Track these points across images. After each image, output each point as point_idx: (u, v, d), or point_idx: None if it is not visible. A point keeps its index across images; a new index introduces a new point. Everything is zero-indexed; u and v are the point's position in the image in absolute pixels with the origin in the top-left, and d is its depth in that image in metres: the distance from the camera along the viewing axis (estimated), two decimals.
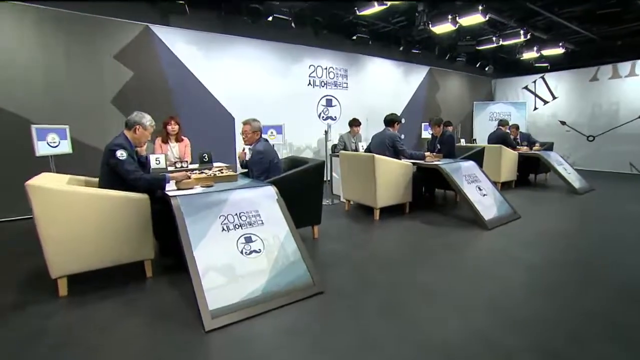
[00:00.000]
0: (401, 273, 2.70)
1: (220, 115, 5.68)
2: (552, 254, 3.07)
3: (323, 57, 6.69)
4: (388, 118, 4.48)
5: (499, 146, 5.82)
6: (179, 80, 5.26)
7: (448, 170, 4.00)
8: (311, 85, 6.60)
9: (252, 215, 2.56)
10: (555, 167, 5.79)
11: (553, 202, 5.16)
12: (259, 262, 2.36)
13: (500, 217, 3.92)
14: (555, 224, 4.04)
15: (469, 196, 3.87)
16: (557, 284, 2.50)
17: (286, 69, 6.29)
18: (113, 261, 2.48)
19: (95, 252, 2.41)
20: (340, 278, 2.65)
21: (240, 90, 5.83)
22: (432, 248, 3.23)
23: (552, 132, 9.18)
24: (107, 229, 2.42)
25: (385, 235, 3.67)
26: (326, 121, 6.87)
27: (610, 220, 4.12)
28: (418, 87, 8.43)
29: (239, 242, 2.38)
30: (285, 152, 6.44)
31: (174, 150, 4.40)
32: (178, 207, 2.35)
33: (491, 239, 3.47)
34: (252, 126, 3.29)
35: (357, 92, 7.22)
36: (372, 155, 3.90)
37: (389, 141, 4.31)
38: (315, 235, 3.53)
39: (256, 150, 3.23)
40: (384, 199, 4.05)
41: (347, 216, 4.37)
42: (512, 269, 2.75)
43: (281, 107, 6.24)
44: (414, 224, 3.96)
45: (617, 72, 8.37)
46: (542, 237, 3.52)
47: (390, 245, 3.35)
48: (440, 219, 4.15)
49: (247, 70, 5.88)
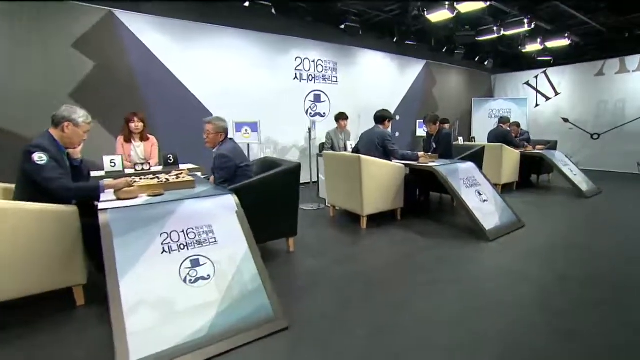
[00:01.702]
0: (388, 298, 2.25)
1: (197, 111, 5.19)
2: (566, 271, 2.61)
3: (311, 49, 6.20)
4: (378, 114, 4.02)
5: (500, 145, 5.36)
6: (149, 73, 4.77)
7: (444, 173, 3.54)
8: (298, 79, 6.11)
9: (203, 231, 2.10)
10: (560, 168, 5.34)
11: (559, 207, 4.71)
12: (207, 292, 1.90)
13: (502, 226, 3.47)
14: (564, 233, 3.60)
15: (468, 203, 3.41)
16: (577, 310, 2.05)
17: (270, 62, 5.80)
18: (30, 290, 2.01)
19: (7, 280, 1.94)
20: (313, 306, 2.19)
21: (219, 85, 5.35)
22: (425, 264, 2.77)
23: (554, 130, 8.73)
24: (21, 251, 1.95)
25: (372, 247, 3.22)
26: (314, 118, 6.38)
27: (624, 229, 3.68)
28: (414, 81, 7.95)
29: (182, 267, 1.92)
30: (269, 152, 5.98)
31: (138, 151, 3.93)
32: (106, 224, 1.89)
33: (493, 253, 3.02)
34: (215, 126, 2.83)
35: (348, 87, 6.74)
36: (357, 156, 3.44)
37: (378, 140, 3.84)
38: (290, 248, 3.07)
39: (219, 153, 2.77)
40: (372, 206, 3.59)
41: (331, 224, 3.92)
42: (519, 292, 2.30)
43: (265, 103, 5.76)
44: (406, 233, 3.50)
45: (624, 67, 7.92)
46: (551, 250, 3.07)
47: (377, 261, 2.89)
48: (436, 228, 3.69)
49: (227, 62, 5.40)
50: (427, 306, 2.15)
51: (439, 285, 2.41)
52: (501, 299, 2.23)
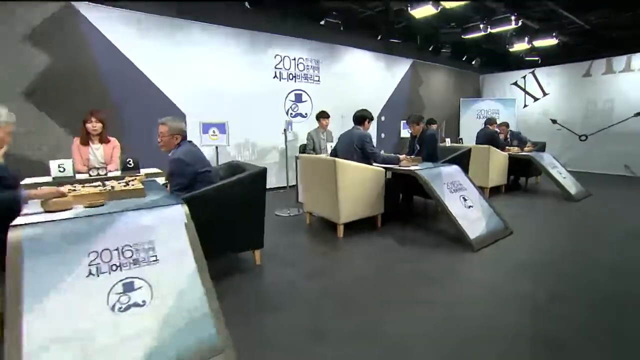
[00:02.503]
0: (356, 325, 1.98)
1: (169, 111, 4.86)
2: (558, 288, 2.38)
3: (291, 47, 5.93)
4: (357, 114, 3.77)
5: (487, 147, 5.17)
6: (115, 71, 4.44)
7: (426, 177, 3.31)
8: (277, 78, 5.84)
9: (142, 249, 1.81)
10: (549, 170, 5.17)
11: (548, 211, 4.52)
12: (140, 320, 1.61)
13: (489, 234, 3.25)
14: (554, 241, 3.39)
15: (452, 209, 3.18)
16: (573, 341, 1.81)
17: (248, 60, 5.51)
18: None
19: None
20: (270, 333, 1.92)
21: (193, 84, 5.04)
22: (404, 279, 2.52)
23: (542, 131, 8.61)
24: None
25: (349, 259, 2.96)
26: (295, 118, 6.12)
27: (616, 235, 3.49)
28: (400, 81, 7.74)
29: (112, 293, 1.63)
30: (247, 154, 5.69)
31: (97, 154, 3.60)
32: (17, 243, 1.58)
33: (478, 265, 2.78)
34: (170, 127, 2.54)
35: (331, 87, 6.48)
36: (332, 160, 3.18)
37: (357, 142, 3.59)
38: (257, 261, 2.79)
39: (174, 158, 2.48)
40: (349, 213, 3.34)
41: (306, 232, 3.65)
42: (506, 316, 2.06)
43: (242, 103, 5.47)
44: (386, 242, 3.25)
45: (611, 68, 7.84)
46: (541, 261, 2.85)
47: (353, 275, 2.63)
48: (418, 236, 3.45)
49: (202, 60, 5.09)
50: (400, 333, 1.89)
51: (415, 308, 2.15)
52: (485, 324, 1.98)
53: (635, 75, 7.48)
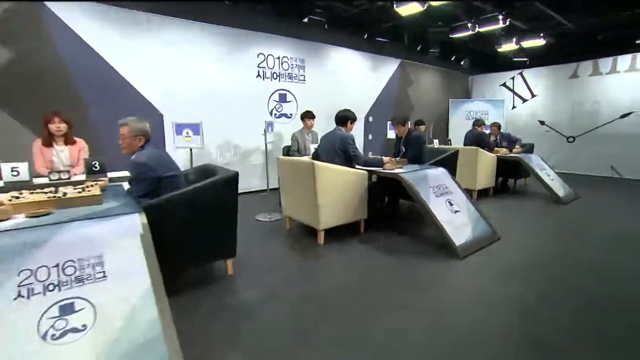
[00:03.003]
0: (344, 326, 1.81)
1: (146, 112, 4.64)
2: (546, 292, 2.25)
3: (275, 45, 5.74)
4: (340, 115, 3.60)
5: (475, 148, 5.05)
6: (84, 69, 4.19)
7: (411, 180, 3.15)
8: (260, 77, 5.64)
9: (88, 264, 1.61)
10: (537, 172, 5.08)
11: (537, 215, 4.42)
12: (79, 349, 1.41)
13: (475, 240, 3.11)
14: (543, 246, 3.26)
15: (437, 215, 3.03)
16: (560, 337, 1.67)
17: (230, 58, 5.31)
18: None
19: None
20: (232, 358, 1.73)
21: (171, 82, 4.82)
22: (388, 285, 2.36)
23: (530, 133, 8.58)
24: None
25: (326, 268, 2.78)
26: (280, 119, 5.93)
27: (603, 239, 3.39)
28: (388, 81, 7.61)
29: (45, 318, 1.42)
30: (230, 156, 5.48)
31: (62, 156, 3.37)
32: None
33: (463, 273, 2.63)
34: (132, 128, 2.34)
35: (317, 87, 6.31)
36: (311, 163, 3.00)
37: (339, 144, 3.42)
38: (229, 271, 2.60)
39: (135, 162, 2.28)
40: (329, 219, 3.16)
41: (286, 238, 3.46)
42: (494, 317, 1.91)
43: (224, 103, 5.27)
44: (368, 250, 3.09)
45: (597, 69, 7.84)
46: (529, 269, 2.71)
47: (331, 285, 2.45)
48: (402, 242, 3.30)
49: (181, 58, 4.87)
50: (387, 338, 1.72)
51: (401, 314, 1.99)
52: (474, 328, 1.83)
53: (620, 76, 7.49)
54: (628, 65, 7.37)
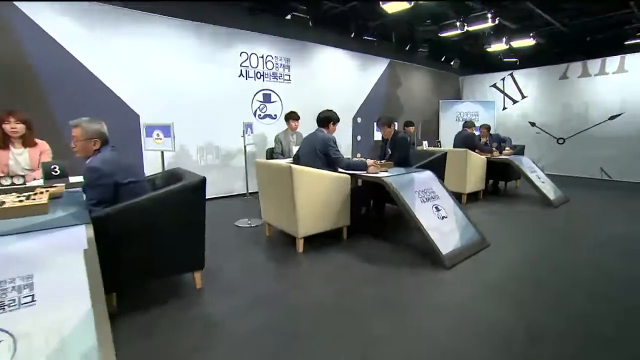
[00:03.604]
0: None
1: (120, 113, 4.41)
2: (539, 313, 2.08)
3: (259, 43, 5.54)
4: (321, 116, 3.41)
5: (464, 150, 4.90)
6: (52, 67, 3.93)
7: (395, 185, 2.97)
8: (243, 76, 5.43)
9: (11, 288, 1.39)
10: (528, 175, 4.96)
11: (527, 218, 4.28)
12: None
13: (463, 248, 2.94)
14: (534, 254, 3.10)
15: (423, 221, 2.85)
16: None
17: (211, 56, 5.09)
18: None
19: None
20: None
21: (148, 82, 4.58)
22: (362, 311, 2.13)
23: (521, 134, 8.51)
24: None
25: (305, 280, 2.59)
26: (264, 119, 5.73)
27: (597, 246, 3.25)
28: (377, 82, 7.45)
29: None
30: (211, 158, 5.26)
31: (20, 159, 3.11)
32: None
33: (450, 287, 2.46)
34: (85, 130, 2.12)
35: (303, 87, 6.12)
36: (288, 166, 2.80)
37: (320, 146, 3.23)
38: (197, 285, 2.39)
39: (88, 166, 2.05)
40: (308, 226, 2.97)
41: (264, 246, 3.26)
42: (480, 345, 1.73)
43: (205, 103, 5.04)
44: (350, 259, 2.89)
45: (586, 70, 7.79)
46: (519, 277, 2.56)
47: (303, 304, 2.24)
48: (386, 250, 3.11)
49: (159, 55, 4.64)
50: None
51: (379, 342, 1.80)
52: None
53: (609, 78, 7.44)
54: (616, 67, 7.32)
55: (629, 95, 7.14)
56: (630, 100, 7.13)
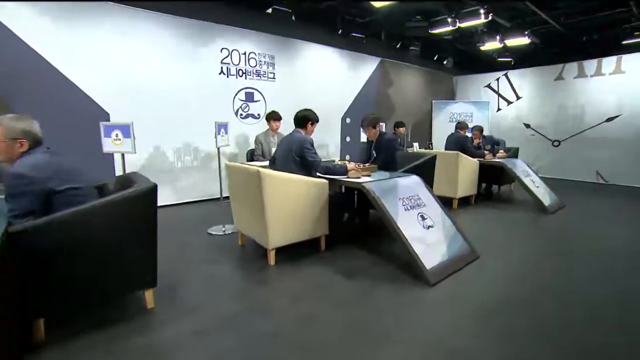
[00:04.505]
0: None
1: (88, 111, 4.11)
2: (525, 335, 1.83)
3: (241, 39, 5.26)
4: (299, 115, 3.16)
5: (455, 153, 4.66)
6: (11, 63, 3.64)
7: (376, 191, 2.71)
8: (224, 74, 5.15)
9: None
10: (521, 179, 4.72)
11: (520, 227, 4.03)
12: None
13: (450, 261, 2.68)
14: (524, 269, 2.82)
15: (406, 232, 2.59)
16: None
17: (189, 52, 4.81)
18: None
19: None
20: None
21: (120, 79, 4.29)
22: (331, 338, 1.86)
23: (516, 136, 8.29)
24: None
25: (270, 300, 2.29)
26: (246, 119, 5.46)
27: (597, 261, 3.00)
28: (367, 81, 7.19)
29: None
30: (189, 160, 4.98)
31: None
32: None
33: (432, 309, 2.19)
34: (7, 129, 1.84)
35: (289, 85, 5.85)
36: (257, 171, 2.53)
37: (296, 149, 2.96)
38: (148, 304, 2.11)
39: (12, 172, 1.76)
40: (280, 237, 2.70)
41: (234, 256, 2.98)
42: None
43: (183, 102, 4.77)
44: (324, 274, 2.62)
45: (582, 71, 7.59)
46: (508, 298, 2.29)
47: (269, 326, 1.97)
48: (367, 263, 2.84)
49: (132, 51, 4.35)
50: None
51: None
52: None
53: (606, 79, 7.25)
54: (613, 68, 7.13)
55: (626, 96, 6.95)
56: (627, 101, 6.94)
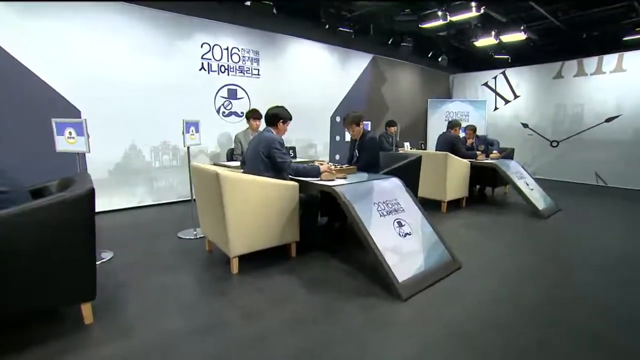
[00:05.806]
0: None
1: (55, 108, 3.90)
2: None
3: (223, 34, 5.06)
4: (269, 113, 2.94)
5: (444, 154, 4.44)
6: None
7: (347, 196, 2.50)
8: (205, 70, 4.94)
9: None
10: (515, 181, 4.50)
11: (511, 233, 3.80)
12: None
13: (428, 273, 2.47)
14: (510, 282, 2.59)
15: (378, 241, 2.38)
16: None
17: (167, 47, 4.60)
18: None
19: None
20: None
21: (93, 74, 4.09)
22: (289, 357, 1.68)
23: (513, 136, 8.06)
24: None
25: (222, 317, 2.06)
26: (229, 117, 5.25)
27: (593, 272, 2.78)
28: (358, 78, 6.97)
29: None
30: (167, 159, 4.78)
31: None
32: None
33: (400, 328, 1.97)
34: None
35: (274, 82, 5.64)
36: (215, 173, 2.33)
37: (263, 149, 2.75)
38: (86, 320, 1.92)
39: None
40: (242, 244, 2.49)
41: (198, 263, 2.78)
42: None
43: (160, 99, 4.57)
44: (289, 286, 2.40)
45: (582, 69, 7.33)
46: (487, 317, 2.08)
47: (210, 349, 1.77)
48: (338, 273, 2.62)
49: (107, 45, 4.15)
50: None
51: None
52: None
53: (606, 77, 7.00)
54: (614, 66, 6.88)
55: (627, 95, 6.70)
56: (628, 101, 6.69)
